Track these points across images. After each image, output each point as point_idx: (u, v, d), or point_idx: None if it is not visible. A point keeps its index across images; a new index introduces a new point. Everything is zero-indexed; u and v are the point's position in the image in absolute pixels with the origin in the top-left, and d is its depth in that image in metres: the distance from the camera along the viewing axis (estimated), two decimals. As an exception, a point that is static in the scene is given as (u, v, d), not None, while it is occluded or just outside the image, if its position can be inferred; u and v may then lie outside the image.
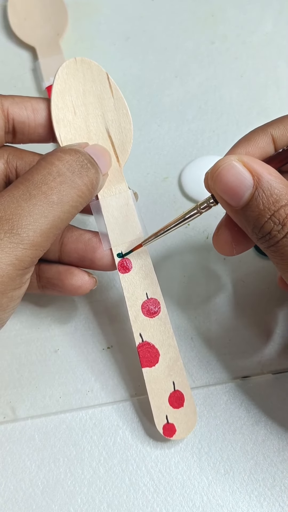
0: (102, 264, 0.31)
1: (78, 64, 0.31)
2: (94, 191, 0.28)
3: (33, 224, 0.25)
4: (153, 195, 0.39)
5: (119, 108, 0.31)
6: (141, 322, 0.30)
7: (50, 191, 0.26)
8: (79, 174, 0.27)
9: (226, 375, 0.33)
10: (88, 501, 0.31)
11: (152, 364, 0.30)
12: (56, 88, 0.30)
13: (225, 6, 0.47)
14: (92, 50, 0.45)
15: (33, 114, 0.30)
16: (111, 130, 0.31)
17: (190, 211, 0.28)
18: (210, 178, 0.26)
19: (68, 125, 0.30)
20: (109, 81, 0.31)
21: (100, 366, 0.34)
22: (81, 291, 0.31)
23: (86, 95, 0.31)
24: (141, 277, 0.31)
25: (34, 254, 0.26)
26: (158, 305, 0.31)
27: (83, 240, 0.31)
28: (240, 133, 0.41)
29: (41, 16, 0.45)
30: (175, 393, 0.31)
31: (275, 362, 0.33)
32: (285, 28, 0.45)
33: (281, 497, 0.30)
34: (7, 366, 0.34)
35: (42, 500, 0.31)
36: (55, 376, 0.34)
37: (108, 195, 0.31)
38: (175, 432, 0.30)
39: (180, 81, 0.43)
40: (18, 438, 0.32)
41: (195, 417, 0.31)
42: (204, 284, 0.36)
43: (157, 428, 0.30)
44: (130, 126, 0.31)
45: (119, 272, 0.31)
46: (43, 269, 0.32)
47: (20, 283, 0.26)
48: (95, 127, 0.31)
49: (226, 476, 0.31)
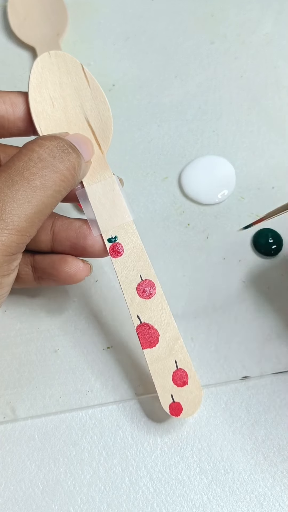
0: (94, 251, 0.31)
1: (53, 58, 0.31)
2: (76, 176, 0.28)
3: (17, 209, 0.25)
4: (153, 195, 0.39)
5: (96, 97, 0.31)
6: (138, 304, 0.31)
7: (32, 176, 0.26)
8: (60, 159, 0.27)
9: (226, 375, 0.33)
10: (88, 501, 0.31)
11: (152, 345, 0.31)
12: (33, 83, 0.31)
13: (225, 6, 0.47)
14: (92, 50, 0.45)
15: (11, 108, 0.30)
16: (91, 119, 0.31)
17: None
18: None
19: (48, 118, 0.31)
20: (84, 72, 0.31)
21: (100, 366, 0.34)
22: (77, 278, 0.31)
23: (63, 87, 0.31)
24: (134, 260, 0.31)
25: (20, 239, 0.26)
26: (153, 286, 0.31)
27: (73, 228, 0.31)
28: (240, 133, 0.41)
29: (41, 16, 0.45)
30: (178, 371, 0.31)
31: (275, 362, 0.33)
32: (285, 28, 0.45)
33: (281, 497, 0.30)
34: (7, 366, 0.34)
35: (42, 500, 0.31)
36: (55, 376, 0.34)
37: (94, 182, 0.31)
38: (182, 411, 0.30)
39: (180, 81, 0.43)
40: (18, 438, 0.32)
41: (200, 394, 0.31)
42: (204, 284, 0.36)
43: (164, 408, 0.30)
44: (109, 113, 0.31)
45: (111, 257, 0.31)
46: (38, 260, 0.32)
47: (8, 270, 0.27)
48: (74, 118, 0.31)
49: (226, 476, 0.31)
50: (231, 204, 0.39)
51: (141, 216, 0.38)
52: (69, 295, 0.36)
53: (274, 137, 0.41)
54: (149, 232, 0.38)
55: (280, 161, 0.40)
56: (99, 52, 0.45)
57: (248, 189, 0.39)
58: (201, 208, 0.39)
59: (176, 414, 0.30)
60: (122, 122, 0.42)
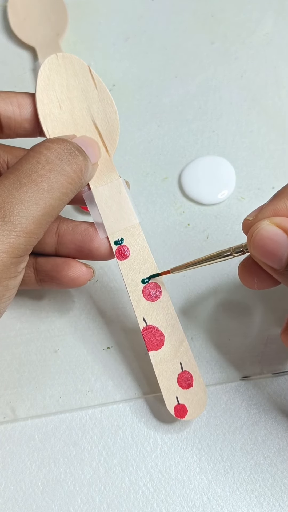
0: (100, 253, 0.31)
1: (60, 60, 0.31)
2: (83, 178, 0.28)
3: (25, 211, 0.26)
4: (153, 195, 0.39)
5: (103, 99, 0.32)
6: (144, 306, 0.31)
7: (40, 178, 0.26)
8: (68, 161, 0.27)
9: (226, 375, 0.33)
10: (88, 501, 0.31)
11: (158, 347, 0.31)
12: (40, 85, 0.31)
13: (225, 6, 0.47)
14: (92, 50, 0.45)
15: (18, 109, 0.30)
16: (98, 122, 0.31)
17: (223, 252, 0.28)
18: (248, 243, 0.26)
19: (55, 120, 0.31)
20: (91, 74, 0.32)
21: (100, 366, 0.34)
22: (79, 283, 0.31)
23: (70, 90, 0.31)
24: (140, 263, 0.31)
25: (28, 241, 0.26)
26: (159, 289, 0.31)
27: (79, 231, 0.31)
28: (240, 133, 0.41)
29: (41, 16, 0.45)
30: (183, 373, 0.31)
31: (275, 362, 0.33)
32: (285, 28, 0.45)
33: (281, 497, 0.30)
34: (7, 366, 0.34)
35: (42, 500, 0.31)
36: (55, 376, 0.34)
37: (100, 184, 0.31)
38: (187, 413, 0.30)
39: (180, 81, 0.43)
40: (18, 438, 0.32)
41: (205, 396, 0.31)
42: (204, 284, 0.36)
43: (169, 410, 0.30)
44: (116, 116, 0.32)
45: (117, 260, 0.31)
46: (40, 262, 0.32)
47: (15, 272, 0.27)
48: (81, 120, 0.31)
49: (226, 476, 0.31)
50: (231, 204, 0.39)
51: (141, 216, 0.38)
52: (69, 295, 0.36)
53: (274, 137, 0.41)
54: (149, 232, 0.38)
55: (280, 161, 0.40)
56: (99, 52, 0.45)
57: (248, 189, 0.39)
58: (201, 208, 0.39)
59: (181, 416, 0.30)
60: (122, 122, 0.42)
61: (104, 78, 0.44)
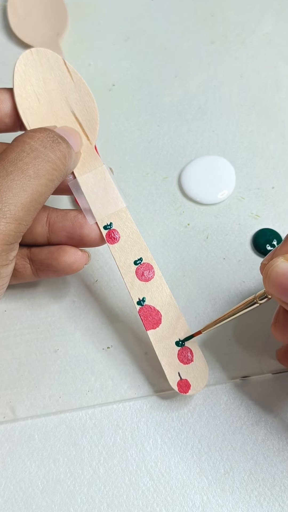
0: (91, 239, 0.31)
1: (34, 55, 0.32)
2: (67, 165, 0.29)
3: (13, 198, 0.26)
4: (153, 195, 0.39)
5: (80, 90, 0.32)
6: (138, 287, 0.31)
7: (25, 166, 0.27)
8: (51, 149, 0.28)
9: (226, 375, 0.33)
10: (88, 501, 0.31)
11: (155, 326, 0.31)
12: (17, 80, 0.32)
13: (225, 6, 0.47)
14: (92, 50, 0.45)
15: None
16: (77, 112, 0.32)
17: (248, 302, 0.29)
18: (265, 283, 0.26)
19: (34, 113, 0.32)
20: (66, 66, 0.32)
21: (100, 366, 0.34)
22: (75, 267, 0.32)
23: (47, 83, 0.32)
24: (131, 245, 0.32)
25: (18, 228, 0.27)
26: (151, 269, 0.32)
27: (69, 218, 0.31)
28: (240, 133, 0.41)
29: (41, 16, 0.45)
30: (183, 349, 0.31)
31: (275, 362, 0.33)
32: (285, 28, 0.46)
33: (281, 497, 0.30)
34: (7, 366, 0.34)
35: (42, 500, 0.31)
36: (55, 376, 0.34)
37: (85, 172, 0.32)
38: (190, 387, 0.31)
39: (179, 81, 0.43)
40: (18, 438, 0.32)
41: (206, 369, 0.31)
42: (204, 284, 0.36)
43: (172, 387, 0.30)
44: (94, 104, 0.32)
45: (108, 244, 0.31)
46: (34, 252, 0.32)
47: (7, 260, 0.27)
48: (60, 111, 0.32)
49: (226, 476, 0.31)
50: (231, 204, 0.39)
51: (141, 216, 0.38)
52: (69, 295, 0.36)
53: (274, 137, 0.41)
54: (149, 232, 0.38)
55: (280, 161, 0.40)
56: (99, 52, 0.45)
57: (248, 189, 0.39)
58: (201, 208, 0.39)
59: (185, 391, 0.31)
60: (122, 122, 0.42)
61: (104, 78, 0.44)
